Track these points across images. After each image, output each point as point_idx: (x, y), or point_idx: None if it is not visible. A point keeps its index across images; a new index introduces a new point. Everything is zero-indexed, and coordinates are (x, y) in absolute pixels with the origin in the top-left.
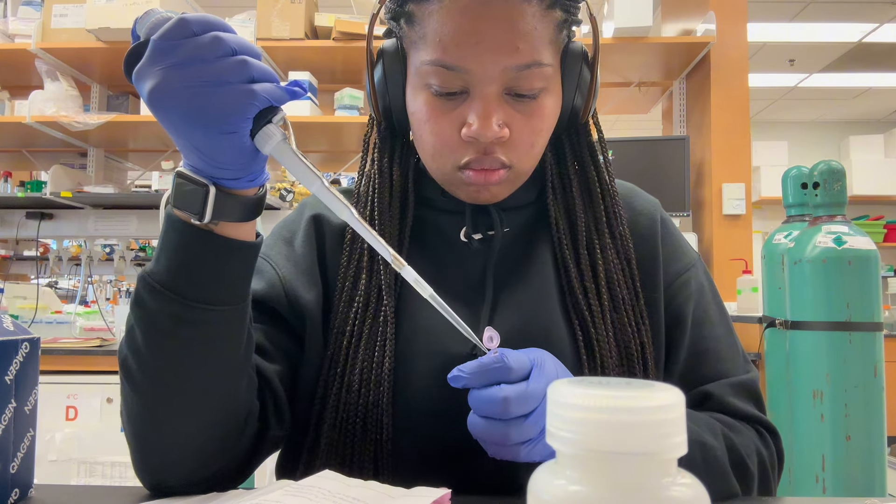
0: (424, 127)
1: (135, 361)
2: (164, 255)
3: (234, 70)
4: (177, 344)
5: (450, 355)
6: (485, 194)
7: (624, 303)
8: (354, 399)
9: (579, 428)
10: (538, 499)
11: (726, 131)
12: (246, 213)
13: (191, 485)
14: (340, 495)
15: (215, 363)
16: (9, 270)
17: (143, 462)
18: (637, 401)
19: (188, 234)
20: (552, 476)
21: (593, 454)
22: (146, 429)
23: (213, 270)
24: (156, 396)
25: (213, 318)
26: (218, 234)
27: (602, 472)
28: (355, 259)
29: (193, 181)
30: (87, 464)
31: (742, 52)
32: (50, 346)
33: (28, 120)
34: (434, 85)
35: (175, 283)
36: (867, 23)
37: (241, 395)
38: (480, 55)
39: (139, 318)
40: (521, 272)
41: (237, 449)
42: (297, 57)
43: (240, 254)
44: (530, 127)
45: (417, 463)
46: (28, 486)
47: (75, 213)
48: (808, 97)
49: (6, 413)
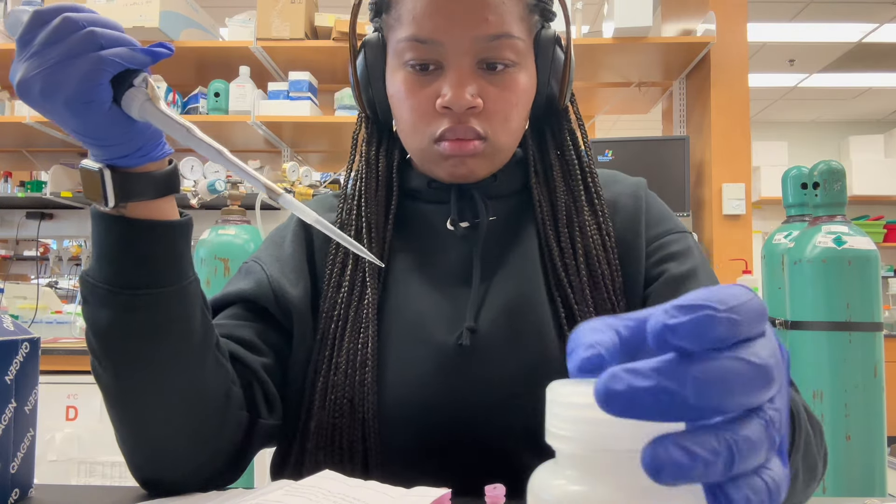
0: (403, 105)
1: (94, 357)
2: (94, 248)
3: (81, 42)
4: (120, 334)
5: (435, 343)
6: (462, 169)
7: (603, 277)
8: (342, 380)
9: (579, 427)
10: (538, 498)
11: (726, 131)
12: (155, 191)
13: (183, 477)
14: (340, 495)
15: (167, 348)
16: (9, 270)
17: (132, 459)
18: None
19: (104, 222)
20: (552, 475)
21: (593, 453)
22: (120, 423)
23: (134, 254)
24: (119, 389)
25: (147, 302)
26: (130, 217)
27: (602, 472)
28: (343, 249)
29: (90, 167)
30: (87, 464)
31: (742, 52)
32: (50, 346)
33: (28, 120)
34: (410, 60)
35: (103, 273)
36: (867, 23)
37: (208, 377)
38: (452, 27)
39: (86, 317)
40: (507, 257)
41: (222, 439)
42: (297, 57)
43: (157, 233)
44: (504, 99)
45: (404, 449)
46: (28, 485)
47: (75, 212)
48: (808, 97)
49: (6, 413)
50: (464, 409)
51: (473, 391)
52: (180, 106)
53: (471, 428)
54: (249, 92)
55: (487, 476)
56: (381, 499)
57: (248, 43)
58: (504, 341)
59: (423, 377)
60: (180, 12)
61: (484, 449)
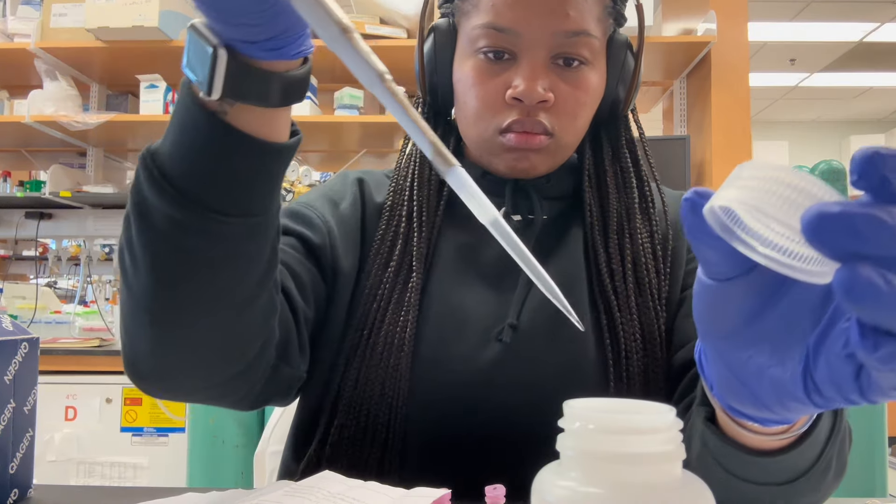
0: (470, 92)
1: (129, 255)
2: (171, 130)
3: None
4: (171, 249)
5: (474, 336)
6: (524, 163)
7: (650, 285)
8: (376, 361)
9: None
10: (542, 500)
11: (727, 131)
12: (274, 95)
13: (190, 392)
14: (340, 496)
15: (223, 278)
16: (8, 270)
17: (132, 347)
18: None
19: (195, 112)
20: (556, 477)
21: (598, 456)
22: (137, 322)
23: (221, 168)
24: (151, 297)
25: (221, 230)
26: (231, 125)
27: (606, 474)
28: (393, 225)
29: (205, 38)
30: (87, 464)
31: (743, 51)
32: (49, 346)
33: (27, 119)
34: (484, 47)
35: (176, 172)
36: (868, 22)
37: (255, 313)
38: (532, 18)
39: (134, 206)
40: (552, 259)
41: (248, 378)
42: None
43: (260, 156)
44: (574, 97)
45: (427, 439)
46: (27, 486)
47: (74, 212)
48: (809, 97)
49: (5, 413)
50: (493, 407)
51: (506, 389)
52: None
53: (496, 426)
54: None
55: (502, 475)
56: (380, 499)
57: None
58: (542, 342)
59: (457, 369)
60: (180, 11)
61: (505, 447)
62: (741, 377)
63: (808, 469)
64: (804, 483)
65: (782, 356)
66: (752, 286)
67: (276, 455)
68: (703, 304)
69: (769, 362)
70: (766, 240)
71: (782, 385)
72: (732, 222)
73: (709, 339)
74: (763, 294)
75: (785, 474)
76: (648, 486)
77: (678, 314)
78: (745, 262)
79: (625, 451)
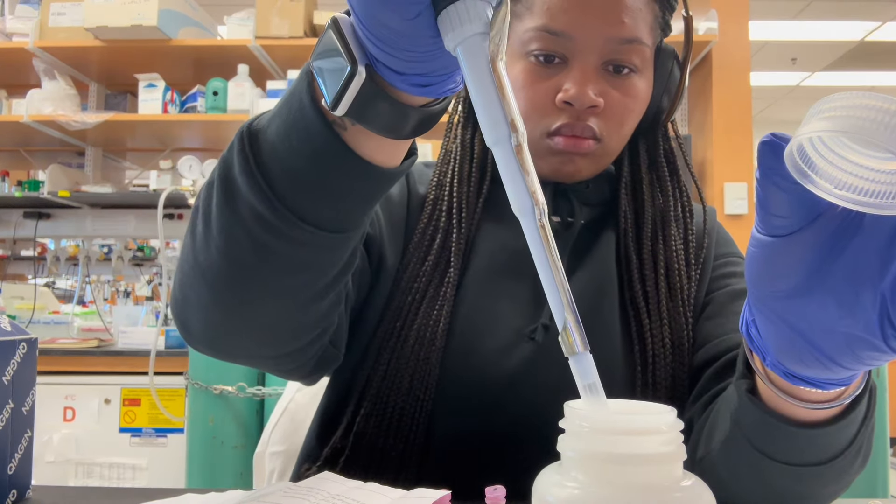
0: (519, 95)
1: (203, 224)
2: (279, 117)
3: None
4: (250, 240)
5: (506, 335)
6: (570, 167)
7: (681, 292)
8: (407, 354)
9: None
10: (542, 500)
11: (728, 130)
12: (405, 129)
13: (243, 354)
14: (339, 497)
15: (298, 279)
16: (6, 270)
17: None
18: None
19: (311, 115)
20: (557, 477)
21: (598, 456)
22: (196, 292)
23: (326, 185)
24: (216, 275)
25: (309, 239)
26: (347, 145)
27: (607, 475)
28: (434, 219)
29: (346, 48)
30: (85, 465)
31: (744, 50)
32: (47, 346)
33: (25, 119)
34: (535, 50)
35: (275, 171)
36: (870, 21)
37: (322, 308)
38: (586, 23)
39: (222, 181)
40: (585, 263)
41: (302, 351)
42: (297, 55)
43: (374, 180)
44: (623, 104)
45: (449, 434)
46: (26, 486)
47: (73, 212)
48: (811, 96)
49: (4, 414)
50: (520, 406)
51: (534, 389)
52: (178, 105)
53: (521, 425)
54: (248, 90)
55: (524, 474)
56: (380, 500)
57: (246, 41)
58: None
59: (487, 366)
60: (179, 10)
61: (528, 447)
62: (808, 336)
63: (844, 449)
64: (836, 465)
65: (852, 307)
66: (815, 237)
67: (275, 456)
68: (762, 264)
69: (838, 314)
70: (840, 181)
71: (856, 336)
72: (808, 167)
73: (767, 302)
74: (826, 245)
75: (821, 453)
76: (649, 486)
77: (700, 317)
78: (812, 210)
79: (625, 451)
